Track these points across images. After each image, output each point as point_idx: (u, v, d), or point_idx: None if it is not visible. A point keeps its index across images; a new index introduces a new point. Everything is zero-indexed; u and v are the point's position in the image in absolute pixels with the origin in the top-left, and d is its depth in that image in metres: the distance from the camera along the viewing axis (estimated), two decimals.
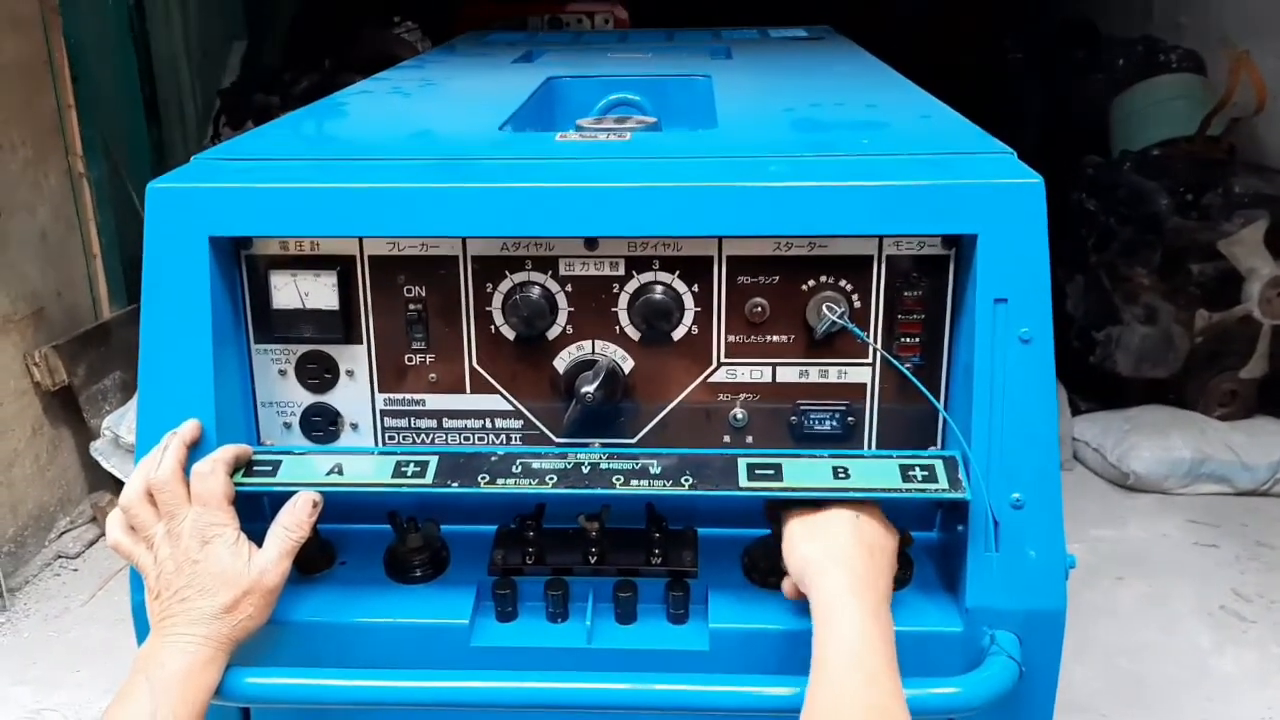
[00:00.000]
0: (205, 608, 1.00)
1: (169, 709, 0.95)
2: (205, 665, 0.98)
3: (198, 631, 0.99)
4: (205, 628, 0.99)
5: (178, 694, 0.96)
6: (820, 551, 1.00)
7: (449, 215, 1.06)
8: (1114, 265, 3.39)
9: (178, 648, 0.98)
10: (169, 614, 1.00)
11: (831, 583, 0.97)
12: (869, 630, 0.93)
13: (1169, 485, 3.20)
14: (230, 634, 1.00)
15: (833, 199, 1.04)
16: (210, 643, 0.99)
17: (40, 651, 2.62)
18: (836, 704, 0.90)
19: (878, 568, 1.00)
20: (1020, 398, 1.03)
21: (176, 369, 1.08)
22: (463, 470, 1.07)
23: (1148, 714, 2.27)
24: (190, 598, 1.00)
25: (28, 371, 2.99)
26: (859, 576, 0.97)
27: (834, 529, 1.02)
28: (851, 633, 0.93)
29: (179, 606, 1.00)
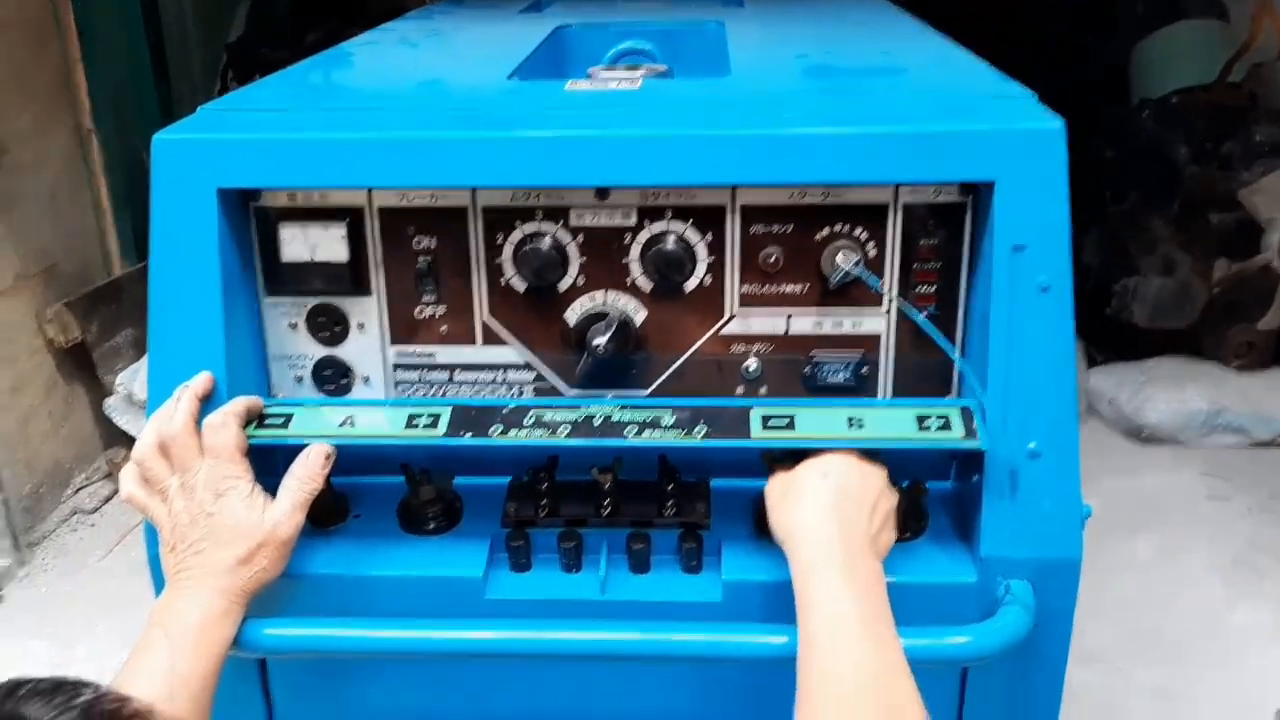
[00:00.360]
0: (221, 560, 1.00)
1: (186, 661, 0.95)
2: (221, 617, 0.99)
3: (214, 584, 0.99)
4: (221, 580, 1.00)
5: (194, 646, 0.96)
6: (791, 519, 1.00)
7: (458, 165, 1.05)
8: (1131, 215, 3.35)
9: (194, 600, 0.99)
10: (184, 566, 1.00)
11: (804, 554, 0.96)
12: (842, 594, 0.92)
13: (1184, 437, 3.18)
14: (246, 586, 1.01)
15: (848, 146, 1.02)
16: (226, 595, 0.99)
17: (59, 605, 2.65)
18: (822, 675, 0.89)
19: (853, 520, 0.98)
20: (1038, 347, 1.02)
21: (187, 322, 1.08)
22: (475, 422, 1.07)
23: (1161, 666, 2.28)
24: (206, 550, 1.00)
25: (40, 329, 2.99)
26: (827, 541, 0.96)
27: (806, 490, 1.00)
28: (826, 601, 0.92)
29: (194, 559, 1.00)
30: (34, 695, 0.54)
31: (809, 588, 0.94)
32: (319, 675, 1.17)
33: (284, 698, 1.18)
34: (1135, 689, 2.21)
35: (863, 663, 0.89)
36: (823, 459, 1.02)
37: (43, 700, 0.53)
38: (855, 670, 0.88)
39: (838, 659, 0.89)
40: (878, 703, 0.86)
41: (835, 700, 0.87)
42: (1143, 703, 2.18)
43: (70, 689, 0.55)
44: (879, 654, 0.90)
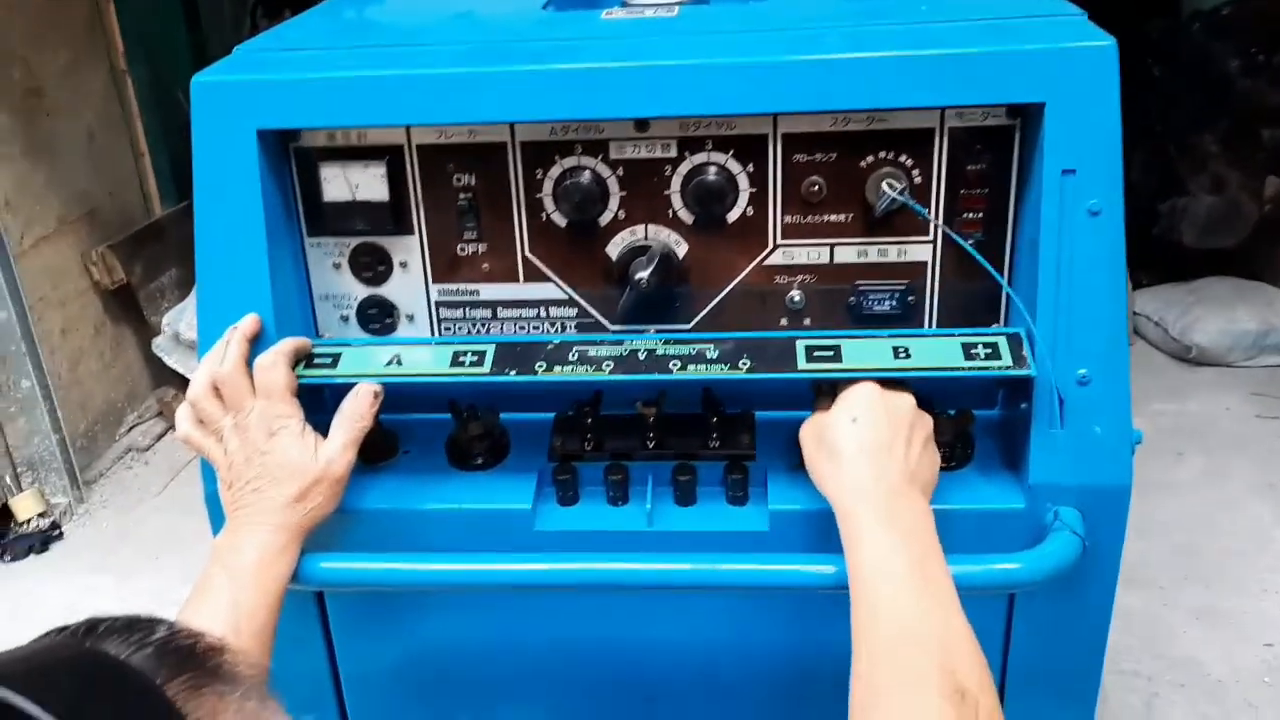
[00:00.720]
0: (276, 497, 1.02)
1: (249, 595, 0.98)
2: (280, 552, 1.01)
3: (271, 520, 1.01)
4: (277, 517, 1.02)
5: (255, 582, 0.99)
6: (826, 471, 0.99)
7: (496, 100, 1.04)
8: (1180, 133, 3.26)
9: (253, 537, 1.01)
10: (242, 504, 1.03)
11: (843, 504, 0.96)
12: (883, 539, 0.92)
13: (1232, 358, 3.13)
14: (301, 522, 1.03)
15: (892, 70, 1.00)
16: (284, 530, 1.02)
17: (118, 541, 2.73)
18: (874, 623, 0.88)
19: (887, 460, 0.96)
20: (1088, 272, 1.00)
21: (233, 265, 1.09)
22: (520, 358, 1.07)
23: (1205, 586, 2.28)
24: (262, 488, 1.02)
25: (86, 271, 3.04)
26: (863, 489, 0.95)
27: (838, 440, 0.99)
28: (869, 548, 0.92)
29: (251, 497, 1.02)
30: (111, 633, 0.55)
31: (851, 537, 0.94)
32: (374, 608, 1.20)
33: (342, 630, 1.21)
34: (1178, 610, 2.22)
35: (908, 607, 0.88)
36: (848, 400, 1.00)
37: (120, 637, 0.54)
38: (900, 616, 0.87)
39: (885, 606, 0.88)
40: (927, 645, 0.85)
41: (886, 647, 0.86)
42: (1185, 623, 2.18)
43: (146, 626, 0.56)
44: (926, 596, 0.89)
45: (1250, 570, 2.32)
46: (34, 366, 2.67)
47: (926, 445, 1.01)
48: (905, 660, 0.85)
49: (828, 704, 1.16)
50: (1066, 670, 1.16)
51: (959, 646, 0.86)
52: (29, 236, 2.80)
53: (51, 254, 2.90)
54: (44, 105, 2.89)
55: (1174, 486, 2.61)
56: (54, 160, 2.91)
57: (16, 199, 2.75)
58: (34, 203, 2.83)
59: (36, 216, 2.84)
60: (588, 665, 1.20)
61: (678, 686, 1.20)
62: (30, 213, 2.81)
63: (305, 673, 1.23)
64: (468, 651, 1.21)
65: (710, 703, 1.21)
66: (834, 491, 0.98)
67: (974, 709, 0.81)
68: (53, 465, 2.79)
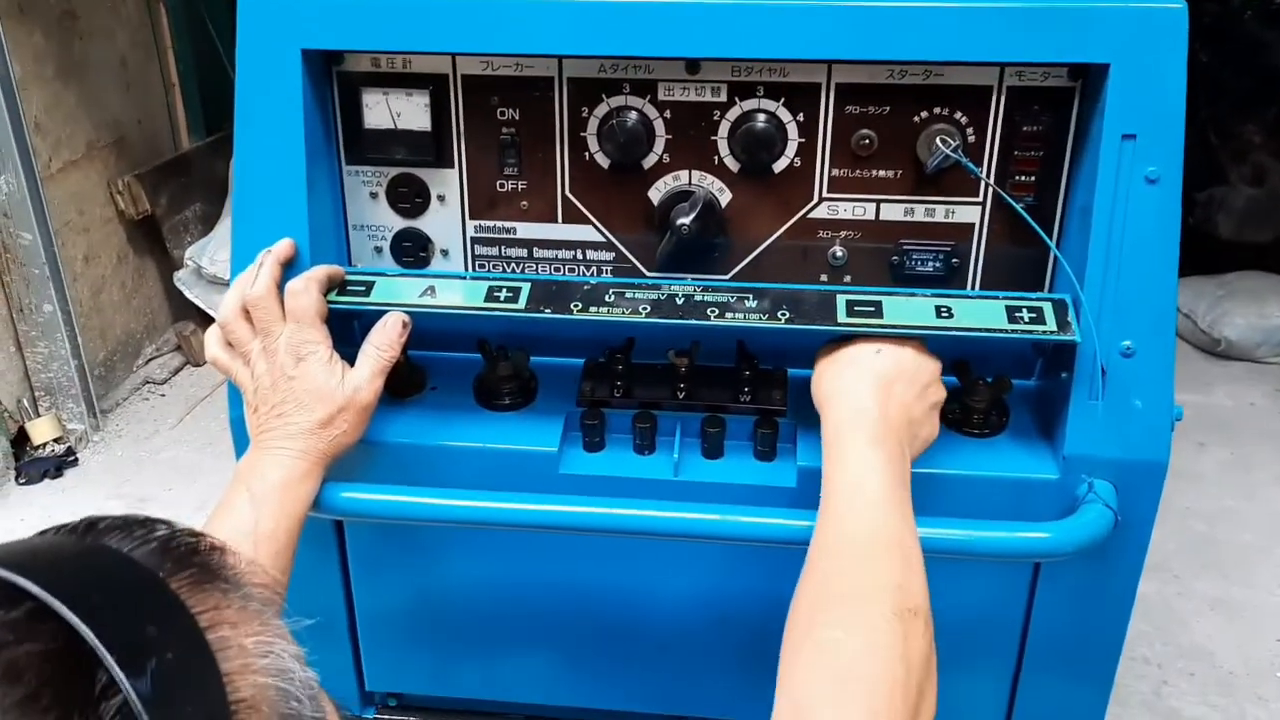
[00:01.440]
0: (301, 423, 1.01)
1: (269, 517, 0.97)
2: (303, 477, 1.00)
3: (295, 445, 1.01)
4: (302, 442, 1.01)
5: (277, 504, 0.98)
6: (834, 383, 0.99)
7: (544, 31, 1.02)
8: (1224, 122, 3.21)
9: (276, 460, 1.00)
10: (267, 428, 1.02)
11: (838, 416, 0.96)
12: (869, 458, 0.91)
13: (1261, 353, 3.10)
14: (325, 449, 1.02)
15: (954, 21, 0.97)
16: (307, 456, 1.01)
17: (133, 470, 2.74)
18: (839, 535, 0.88)
19: (897, 396, 0.96)
20: (1141, 241, 0.98)
21: (270, 188, 1.07)
22: (555, 297, 1.06)
23: (1222, 577, 2.26)
24: (287, 413, 1.01)
25: (112, 200, 3.03)
26: (864, 410, 0.95)
27: (856, 358, 0.99)
28: (853, 463, 0.92)
29: (276, 421, 1.02)
30: (113, 529, 0.55)
31: (836, 450, 0.93)
32: (392, 543, 1.19)
33: (359, 563, 1.20)
34: (1193, 599, 2.20)
35: (879, 525, 0.88)
36: (877, 341, 1.00)
37: (122, 534, 0.54)
38: (870, 532, 0.87)
39: (856, 520, 0.89)
40: (891, 563, 0.85)
41: (849, 559, 0.86)
42: (1199, 613, 2.17)
43: (147, 524, 0.56)
44: (895, 518, 0.89)
45: (1268, 564, 2.31)
46: (56, 291, 2.67)
47: (933, 410, 1.00)
48: (866, 573, 0.85)
49: None
50: (1086, 646, 1.15)
51: (916, 568, 0.86)
52: (57, 160, 2.79)
53: (79, 179, 2.89)
54: (78, 28, 2.87)
55: (1196, 477, 2.58)
56: (85, 85, 2.89)
57: (46, 121, 2.74)
58: (64, 126, 2.81)
59: (65, 140, 2.82)
60: (603, 611, 1.20)
61: (691, 636, 1.19)
62: (59, 135, 2.80)
63: (321, 604, 1.23)
64: (482, 591, 1.21)
65: (723, 654, 1.20)
66: (834, 405, 0.97)
67: (920, 627, 0.82)
68: (70, 391, 2.79)
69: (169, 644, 0.49)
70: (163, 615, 0.50)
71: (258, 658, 0.52)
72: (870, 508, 0.89)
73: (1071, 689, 1.18)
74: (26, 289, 2.66)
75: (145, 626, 0.49)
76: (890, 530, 0.88)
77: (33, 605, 0.47)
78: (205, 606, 0.52)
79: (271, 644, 0.53)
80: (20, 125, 2.50)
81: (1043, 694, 1.18)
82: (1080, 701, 1.19)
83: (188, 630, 0.51)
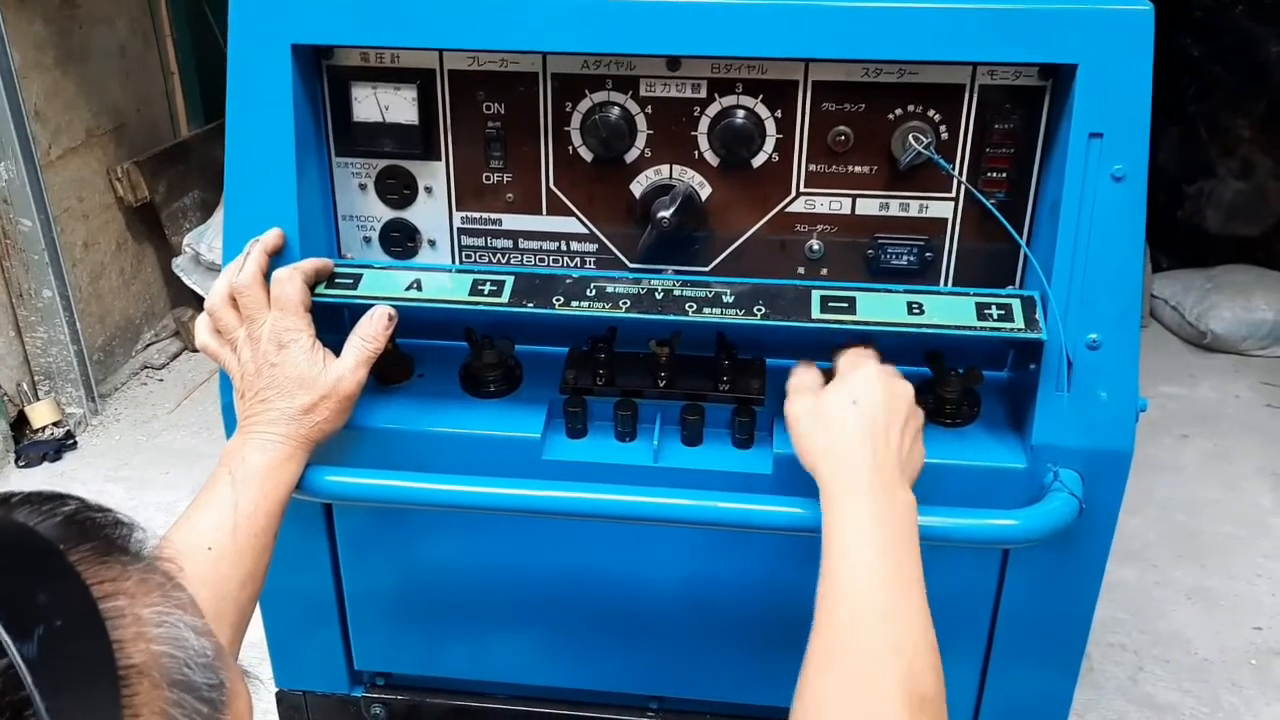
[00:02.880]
0: (284, 408, 1.04)
1: (249, 500, 1.00)
2: (284, 462, 1.03)
3: (277, 431, 1.04)
4: (284, 427, 1.04)
5: (257, 487, 1.01)
6: (820, 446, 0.97)
7: (528, 28, 1.04)
8: (1214, 116, 3.23)
9: (258, 445, 1.03)
10: (251, 414, 1.05)
11: (835, 484, 0.94)
12: (867, 524, 0.91)
13: (1246, 346, 3.13)
14: (308, 434, 1.05)
15: (927, 21, 1.00)
16: (289, 441, 1.04)
17: (130, 453, 2.77)
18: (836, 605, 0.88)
19: (884, 446, 0.95)
20: (1107, 236, 1.01)
21: (261, 179, 1.10)
22: (538, 291, 1.08)
23: (1200, 567, 2.30)
24: (270, 399, 1.04)
25: (111, 186, 3.05)
26: (855, 470, 0.94)
27: (834, 417, 0.97)
28: (851, 530, 0.91)
29: (260, 407, 1.04)
30: (24, 503, 0.57)
31: (835, 518, 0.92)
32: (380, 524, 1.22)
33: (348, 543, 1.23)
34: (1170, 588, 2.24)
35: (880, 601, 0.87)
36: (850, 381, 0.99)
37: (31, 507, 0.57)
38: (870, 608, 0.87)
39: (855, 595, 0.88)
40: (885, 641, 0.85)
41: (850, 637, 0.86)
42: (1176, 602, 2.20)
43: (57, 499, 0.58)
44: (900, 594, 0.88)
45: (1245, 555, 2.34)
46: (56, 277, 2.70)
47: (918, 437, 1.00)
48: (869, 661, 0.84)
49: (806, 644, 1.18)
50: (1054, 631, 1.18)
51: (922, 653, 0.85)
52: (57, 147, 2.81)
53: (78, 166, 2.92)
54: (77, 16, 2.89)
55: (1177, 468, 2.62)
56: (85, 72, 2.91)
57: (46, 108, 2.76)
58: (63, 113, 2.84)
59: (65, 127, 2.85)
60: (586, 595, 1.23)
61: (672, 619, 1.23)
62: (59, 123, 2.82)
63: (310, 589, 1.26)
64: (468, 573, 1.24)
65: (703, 636, 1.23)
66: (826, 470, 0.96)
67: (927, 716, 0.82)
68: (69, 376, 2.82)
69: (58, 611, 0.51)
70: (55, 585, 0.53)
71: (152, 627, 0.54)
72: (872, 584, 0.88)
73: (1040, 672, 1.21)
74: (26, 274, 2.69)
75: (36, 595, 0.51)
76: (892, 608, 0.87)
77: None
78: (102, 578, 0.54)
79: (168, 614, 0.56)
80: (20, 113, 2.52)
81: (1012, 677, 1.21)
82: (1049, 683, 1.22)
83: (80, 598, 0.53)
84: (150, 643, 0.54)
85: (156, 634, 0.54)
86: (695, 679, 1.27)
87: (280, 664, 1.33)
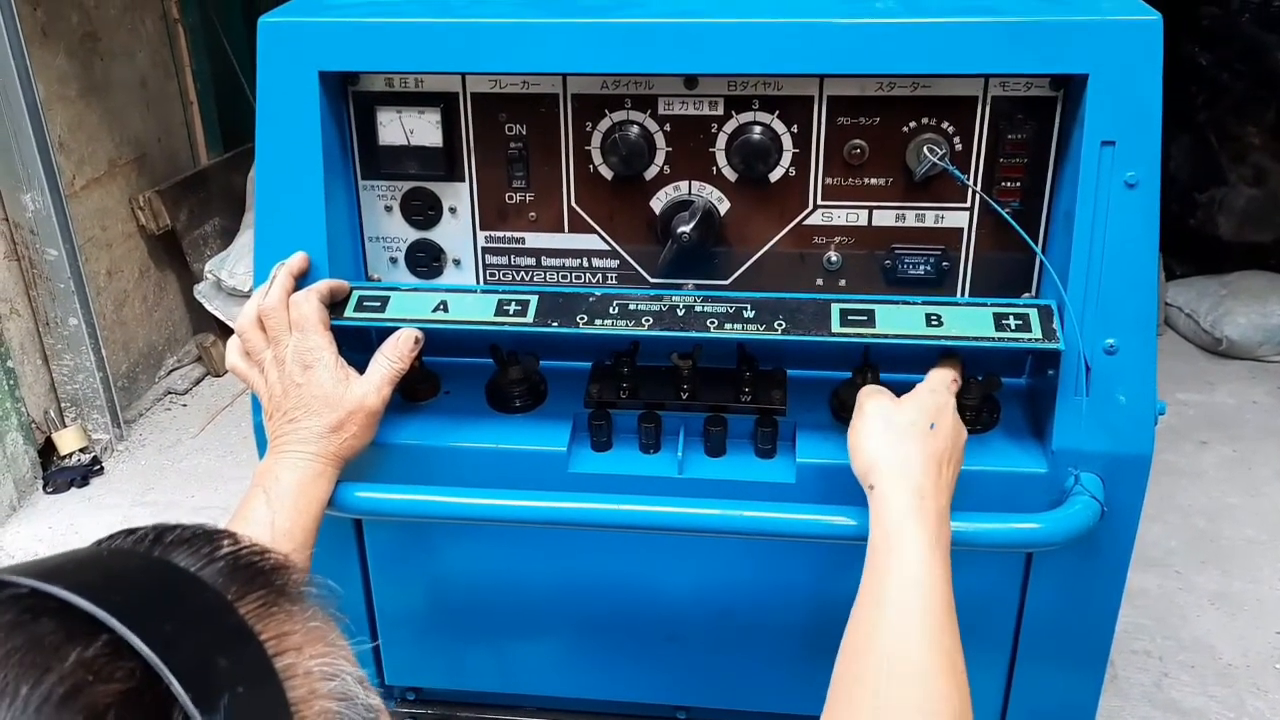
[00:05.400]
0: (312, 427, 1.06)
1: (285, 517, 1.02)
2: (315, 479, 1.05)
3: (307, 449, 1.06)
4: (313, 445, 1.06)
5: (292, 505, 1.03)
6: (891, 459, 0.97)
7: (549, 51, 1.07)
8: (1224, 123, 3.24)
9: (290, 464, 1.05)
10: (281, 433, 1.07)
11: (898, 503, 0.94)
12: (932, 563, 0.91)
13: (1263, 352, 3.12)
14: (337, 451, 1.07)
15: (940, 35, 1.02)
16: (319, 459, 1.06)
17: (156, 478, 2.80)
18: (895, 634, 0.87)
19: (943, 482, 0.97)
20: (1122, 242, 1.02)
21: (290, 202, 1.13)
22: (562, 310, 1.10)
23: (1222, 572, 2.29)
24: (298, 418, 1.06)
25: (134, 215, 3.10)
26: (924, 495, 0.94)
27: (909, 438, 0.98)
28: (915, 565, 0.91)
29: (289, 426, 1.07)
30: (180, 543, 0.54)
31: (897, 536, 0.92)
32: (410, 539, 1.24)
33: (378, 559, 1.25)
34: (1193, 593, 2.23)
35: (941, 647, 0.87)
36: (927, 402, 1.01)
37: (189, 550, 0.54)
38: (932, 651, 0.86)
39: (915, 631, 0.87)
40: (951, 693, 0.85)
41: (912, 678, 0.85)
42: (1200, 607, 2.20)
43: (213, 539, 0.55)
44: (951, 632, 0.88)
45: (1268, 559, 2.33)
46: (81, 305, 2.74)
47: (958, 468, 1.02)
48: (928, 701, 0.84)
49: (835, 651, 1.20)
50: (1079, 634, 1.19)
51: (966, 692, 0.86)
52: (80, 178, 2.86)
53: (101, 196, 2.96)
54: (99, 50, 2.94)
55: (1197, 474, 2.61)
56: (107, 104, 2.96)
57: (70, 140, 2.81)
58: (87, 144, 2.89)
59: (88, 158, 2.90)
60: (612, 606, 1.24)
61: (698, 628, 1.24)
62: (83, 154, 2.87)
63: (341, 604, 1.27)
64: (496, 587, 1.26)
65: (729, 645, 1.25)
66: (891, 482, 0.96)
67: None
68: (95, 403, 2.86)
69: (240, 676, 0.49)
70: (233, 644, 0.50)
71: (323, 681, 0.52)
72: (930, 619, 0.88)
73: (1065, 678, 1.22)
74: (52, 303, 2.73)
75: (217, 659, 0.49)
76: (947, 649, 0.87)
77: (109, 638, 0.46)
78: (272, 632, 0.52)
79: (336, 666, 0.53)
80: (45, 144, 2.57)
81: (1038, 683, 1.22)
82: (1074, 690, 1.23)
83: (257, 660, 0.50)
84: (322, 699, 0.52)
85: (327, 690, 0.52)
86: (722, 688, 1.29)
87: None
